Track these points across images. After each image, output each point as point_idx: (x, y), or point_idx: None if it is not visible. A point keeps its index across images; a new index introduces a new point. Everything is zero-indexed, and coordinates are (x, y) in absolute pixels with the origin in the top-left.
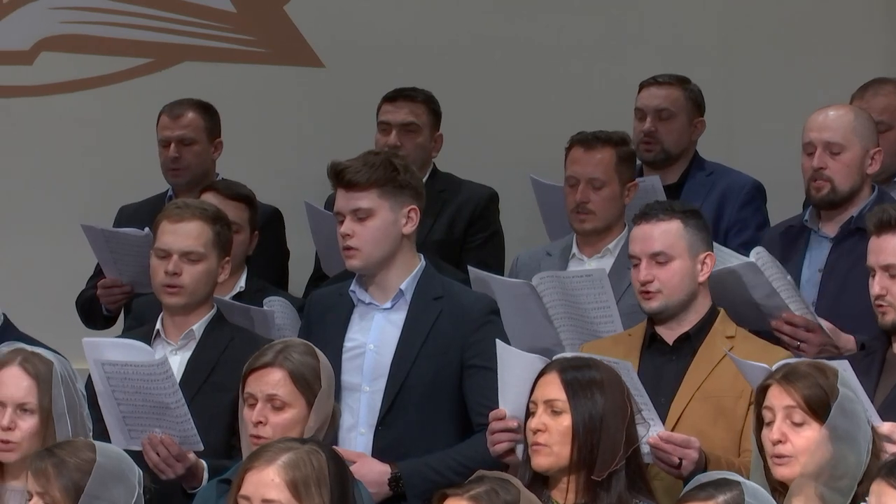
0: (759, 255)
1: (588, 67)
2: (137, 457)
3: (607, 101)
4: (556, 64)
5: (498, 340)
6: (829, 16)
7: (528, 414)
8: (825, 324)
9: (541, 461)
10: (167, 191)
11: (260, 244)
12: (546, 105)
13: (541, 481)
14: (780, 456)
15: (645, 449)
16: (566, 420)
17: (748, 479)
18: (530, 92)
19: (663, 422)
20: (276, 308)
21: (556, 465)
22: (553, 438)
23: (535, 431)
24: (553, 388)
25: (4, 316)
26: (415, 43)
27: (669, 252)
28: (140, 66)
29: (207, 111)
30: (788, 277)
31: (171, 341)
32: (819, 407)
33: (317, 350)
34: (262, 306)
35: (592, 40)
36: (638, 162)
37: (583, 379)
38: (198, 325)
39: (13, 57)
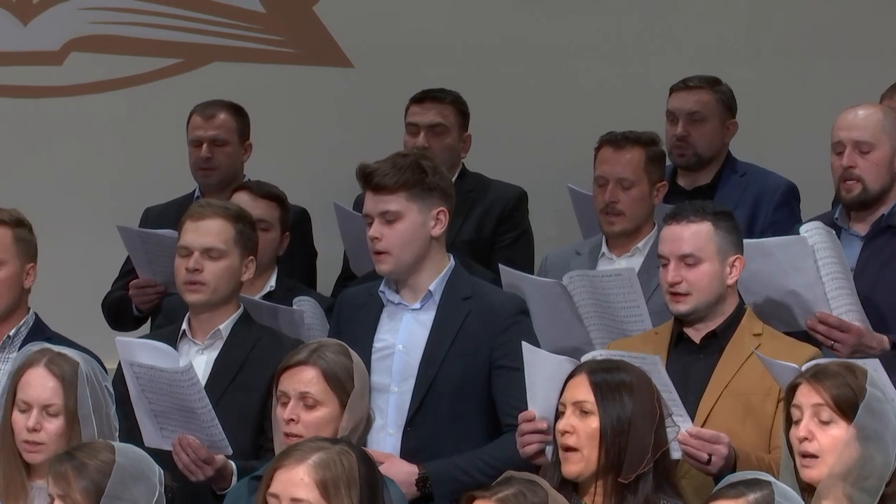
0: (809, 231)
1: (618, 68)
2: (168, 456)
3: (637, 102)
4: (585, 65)
5: (524, 343)
6: (859, 17)
7: (557, 416)
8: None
9: (571, 468)
10: (194, 191)
11: (288, 244)
12: (575, 106)
13: (570, 485)
14: (806, 455)
15: (674, 445)
16: (594, 422)
17: (778, 475)
18: (560, 92)
19: (692, 420)
20: (306, 308)
21: (586, 471)
22: (581, 441)
23: (563, 433)
24: (582, 390)
25: (36, 315)
26: (444, 43)
27: (698, 254)
28: (169, 67)
29: (239, 113)
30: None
31: (197, 341)
32: (847, 406)
33: (351, 351)
34: (292, 306)
35: (622, 41)
36: (669, 163)
37: (612, 381)
38: (224, 325)
39: (43, 57)
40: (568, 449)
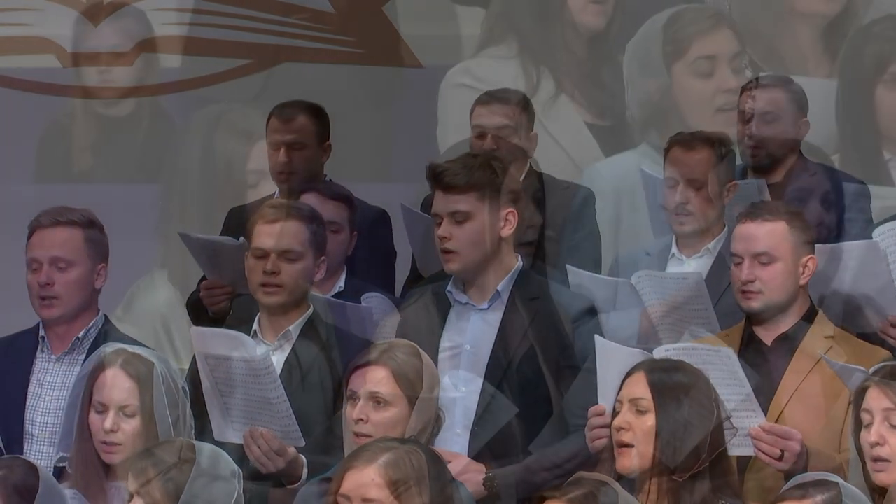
0: (883, 234)
1: None
2: (240, 449)
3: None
4: None
5: (597, 336)
6: None
7: (614, 413)
8: None
9: (625, 463)
10: (274, 193)
11: (367, 246)
12: None
13: (626, 484)
14: (878, 459)
15: (746, 441)
16: (650, 419)
17: (849, 475)
18: None
19: None
20: (374, 304)
21: (640, 466)
22: (637, 437)
23: (619, 429)
24: (639, 388)
25: (105, 317)
26: None
27: (773, 253)
28: (239, 67)
29: (318, 115)
30: None
31: (267, 342)
32: None
33: (422, 352)
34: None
35: None
36: (740, 162)
37: (669, 382)
38: (294, 326)
39: (113, 58)
40: (623, 445)
